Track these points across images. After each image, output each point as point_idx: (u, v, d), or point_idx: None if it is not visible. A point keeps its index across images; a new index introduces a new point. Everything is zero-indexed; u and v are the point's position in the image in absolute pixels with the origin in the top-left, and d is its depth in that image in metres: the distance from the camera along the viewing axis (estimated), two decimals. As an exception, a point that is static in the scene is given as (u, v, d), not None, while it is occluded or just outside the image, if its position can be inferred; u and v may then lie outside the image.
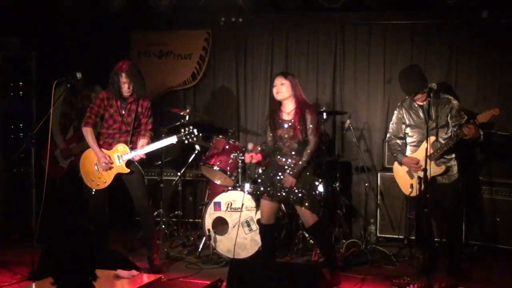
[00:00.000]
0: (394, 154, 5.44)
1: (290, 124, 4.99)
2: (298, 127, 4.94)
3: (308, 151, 4.96)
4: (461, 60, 6.51)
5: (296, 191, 4.96)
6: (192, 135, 5.16)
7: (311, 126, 4.97)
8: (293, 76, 5.10)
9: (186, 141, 5.20)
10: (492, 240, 5.98)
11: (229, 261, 5.43)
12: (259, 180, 5.25)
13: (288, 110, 5.03)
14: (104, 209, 5.47)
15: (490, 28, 6.35)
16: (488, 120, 4.98)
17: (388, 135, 5.53)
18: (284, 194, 5.00)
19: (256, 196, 5.21)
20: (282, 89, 4.98)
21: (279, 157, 5.06)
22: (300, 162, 4.95)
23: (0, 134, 6.50)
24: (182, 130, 5.17)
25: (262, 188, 5.08)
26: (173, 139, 5.17)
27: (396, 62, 6.62)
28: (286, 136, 5.00)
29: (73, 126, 6.34)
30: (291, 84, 4.98)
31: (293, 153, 5.01)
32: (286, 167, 5.02)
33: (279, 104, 5.08)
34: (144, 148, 5.20)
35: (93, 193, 5.31)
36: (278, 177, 5.03)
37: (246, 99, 7.14)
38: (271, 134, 5.11)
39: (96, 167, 5.28)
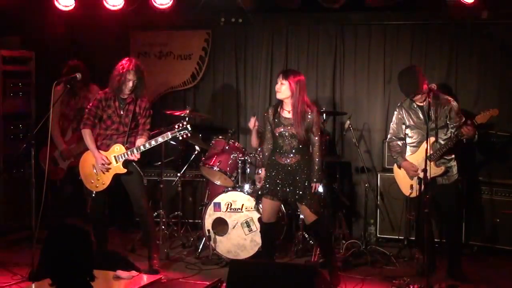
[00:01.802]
0: (394, 156, 5.44)
1: (291, 122, 4.99)
2: (300, 126, 4.94)
3: (317, 153, 4.99)
4: (461, 60, 6.50)
5: (297, 188, 4.97)
6: (186, 130, 5.13)
7: (314, 126, 4.98)
8: (296, 75, 5.00)
9: (180, 137, 5.16)
10: (492, 240, 5.97)
11: (229, 262, 5.43)
12: (264, 179, 5.18)
13: (289, 108, 5.02)
14: (104, 210, 5.47)
15: (490, 28, 6.34)
16: (487, 121, 4.98)
17: (388, 135, 5.53)
18: (285, 192, 5.00)
19: (258, 195, 5.19)
20: (282, 89, 4.97)
21: (279, 155, 5.06)
22: (316, 166, 4.98)
23: (0, 134, 6.49)
24: (176, 126, 5.16)
25: (265, 188, 5.07)
26: (167, 136, 5.15)
27: (396, 62, 6.62)
28: (286, 134, 5.00)
29: (72, 127, 6.33)
30: (290, 86, 4.93)
31: (293, 151, 5.01)
32: (287, 165, 5.02)
33: (281, 101, 5.07)
34: (140, 147, 5.19)
35: (94, 195, 5.30)
36: (281, 177, 5.02)
37: (246, 100, 7.14)
38: (270, 130, 5.11)
39: (94, 169, 5.28)
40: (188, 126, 5.13)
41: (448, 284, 4.98)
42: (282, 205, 5.79)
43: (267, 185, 5.05)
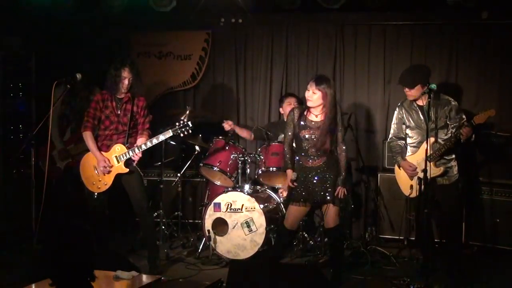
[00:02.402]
0: (394, 157, 5.44)
1: (318, 126, 4.95)
2: (329, 131, 4.93)
3: (344, 156, 5.01)
4: (461, 60, 6.51)
5: (326, 190, 4.96)
6: (187, 127, 5.13)
7: (340, 133, 5.00)
8: (329, 84, 4.93)
9: (182, 134, 5.17)
10: (492, 240, 5.98)
11: (229, 262, 5.44)
12: (291, 187, 5.11)
13: (317, 112, 4.98)
14: (104, 210, 5.47)
15: (490, 28, 6.35)
16: (485, 121, 4.98)
17: (389, 135, 5.54)
18: (320, 196, 4.98)
19: (289, 201, 5.13)
20: (313, 98, 4.91)
21: (304, 158, 5.03)
22: (343, 172, 4.98)
23: (0, 134, 6.49)
24: (177, 124, 5.16)
25: (296, 195, 5.02)
26: (168, 134, 5.16)
27: (396, 62, 6.62)
28: (312, 137, 4.97)
29: (71, 127, 6.34)
30: (323, 95, 4.88)
31: (318, 154, 4.98)
32: (313, 168, 4.99)
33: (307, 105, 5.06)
34: (142, 146, 5.19)
35: (95, 196, 5.30)
36: (311, 180, 4.99)
37: (246, 100, 7.14)
38: (293, 132, 5.06)
39: (96, 171, 5.28)
40: (189, 123, 5.13)
41: (448, 284, 4.98)
42: (282, 206, 5.80)
43: (299, 191, 5.01)
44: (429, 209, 4.87)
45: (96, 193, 5.30)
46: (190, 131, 5.16)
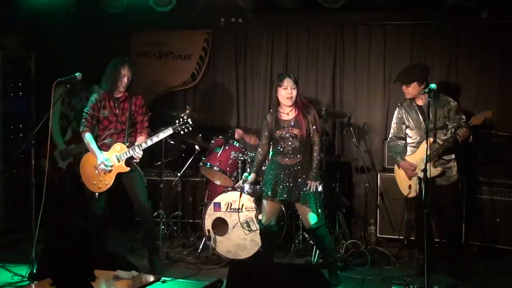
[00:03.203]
0: (394, 156, 5.44)
1: (292, 123, 5.00)
2: (303, 125, 4.97)
3: (317, 150, 5.03)
4: (461, 60, 6.50)
5: (299, 189, 4.97)
6: (187, 125, 5.14)
7: (314, 125, 5.01)
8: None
9: (182, 132, 5.18)
10: (491, 240, 5.98)
11: (229, 262, 5.44)
12: (262, 182, 5.22)
13: (287, 110, 5.04)
14: (104, 210, 5.47)
15: (490, 28, 6.35)
16: (482, 122, 4.99)
17: (389, 135, 5.54)
18: (288, 194, 5.00)
19: (259, 198, 5.19)
20: (294, 94, 5.00)
21: (280, 157, 5.07)
22: (314, 165, 5.01)
23: (0, 134, 6.49)
24: (177, 121, 5.16)
25: (265, 190, 5.07)
26: (168, 131, 5.16)
27: (396, 62, 6.61)
28: (287, 135, 5.01)
29: (72, 127, 6.33)
30: (298, 92, 5.04)
31: (295, 152, 5.03)
32: (288, 166, 5.03)
33: (277, 105, 5.09)
34: (142, 144, 5.19)
35: (97, 196, 5.30)
36: (281, 177, 5.03)
37: (246, 100, 7.14)
38: (267, 135, 5.12)
39: (96, 171, 5.28)
40: (189, 120, 5.14)
41: (448, 284, 4.98)
42: (282, 205, 5.79)
43: (269, 187, 5.05)
44: (429, 209, 4.87)
45: (97, 193, 5.30)
46: (190, 129, 5.16)
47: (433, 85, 4.92)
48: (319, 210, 5.08)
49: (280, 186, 5.02)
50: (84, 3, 6.70)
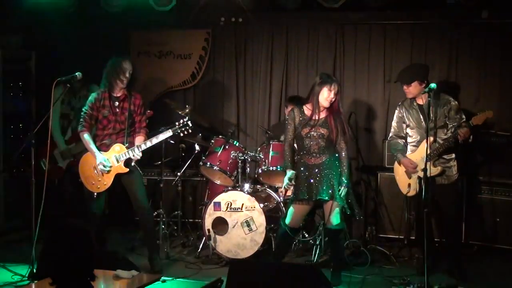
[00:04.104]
0: (394, 154, 5.44)
1: (322, 123, 5.01)
2: (333, 128, 4.98)
3: (346, 157, 5.05)
4: (461, 60, 6.50)
5: (329, 187, 4.99)
6: (187, 127, 5.14)
7: (343, 129, 5.04)
8: None
9: (182, 134, 5.17)
10: (492, 240, 5.98)
11: (229, 261, 5.44)
12: (296, 184, 5.13)
13: (320, 109, 5.04)
14: (104, 210, 5.47)
15: (490, 28, 6.34)
16: (482, 123, 4.99)
17: (390, 134, 5.55)
18: (320, 192, 4.99)
19: (293, 200, 5.14)
20: (334, 99, 5.00)
21: (307, 156, 5.05)
22: (345, 169, 5.03)
23: (0, 134, 6.50)
24: (177, 123, 5.16)
25: (301, 193, 5.04)
26: (168, 133, 5.16)
27: (396, 61, 6.61)
28: (315, 134, 5.00)
29: (72, 126, 6.33)
30: (338, 96, 5.05)
31: (321, 151, 5.02)
32: (316, 165, 5.02)
33: (305, 102, 5.07)
34: (141, 145, 5.19)
35: (95, 196, 5.30)
36: (314, 177, 5.02)
37: (246, 99, 7.14)
38: (293, 129, 5.08)
39: (95, 171, 5.27)
40: (189, 122, 5.14)
41: (448, 284, 4.98)
42: (282, 205, 5.80)
43: (302, 190, 5.03)
44: (429, 209, 4.87)
45: (95, 193, 5.30)
46: (190, 131, 5.16)
47: (433, 85, 4.92)
48: (345, 211, 5.09)
49: (315, 187, 5.01)
50: (84, 3, 6.70)
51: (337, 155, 5.07)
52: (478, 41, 6.43)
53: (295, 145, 5.20)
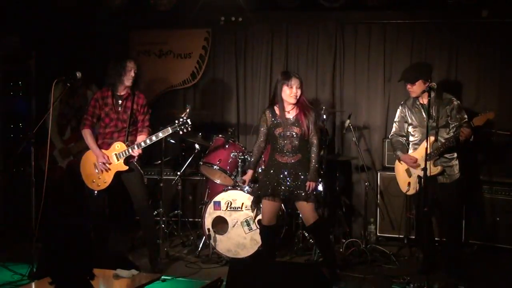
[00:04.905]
0: (394, 151, 5.45)
1: (293, 122, 5.00)
2: (304, 124, 4.97)
3: (316, 151, 5.02)
4: (461, 59, 6.50)
5: (299, 187, 4.98)
6: (186, 125, 5.13)
7: (312, 125, 5.01)
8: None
9: (181, 132, 5.17)
10: (492, 239, 5.98)
11: (228, 261, 5.44)
12: (260, 182, 5.22)
13: (289, 108, 5.04)
14: (104, 209, 5.47)
15: (490, 28, 6.34)
16: (483, 124, 4.99)
17: (391, 132, 5.55)
18: (289, 192, 5.01)
19: (258, 198, 5.19)
20: (299, 93, 5.00)
21: (280, 155, 5.06)
22: (312, 165, 5.00)
23: (0, 133, 6.50)
24: (176, 121, 5.16)
25: (265, 189, 5.07)
26: (167, 131, 5.15)
27: (396, 61, 6.62)
28: (287, 133, 5.01)
29: (71, 125, 6.33)
30: (302, 89, 5.04)
31: (294, 150, 5.02)
32: (288, 164, 5.02)
33: (276, 103, 5.07)
34: (141, 143, 5.19)
35: (95, 194, 5.30)
36: (282, 176, 5.03)
37: (246, 98, 7.14)
38: (265, 132, 5.11)
39: (96, 169, 5.28)
40: (189, 120, 5.13)
41: (448, 283, 4.98)
42: (282, 204, 5.79)
43: (268, 186, 5.05)
44: (429, 208, 4.87)
45: (96, 191, 5.30)
46: (189, 129, 5.16)
47: (433, 84, 4.92)
48: (318, 207, 5.08)
49: (282, 185, 5.02)
50: (84, 3, 6.69)
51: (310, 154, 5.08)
52: (478, 41, 6.44)
53: (270, 145, 5.19)
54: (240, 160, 5.87)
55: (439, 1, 6.13)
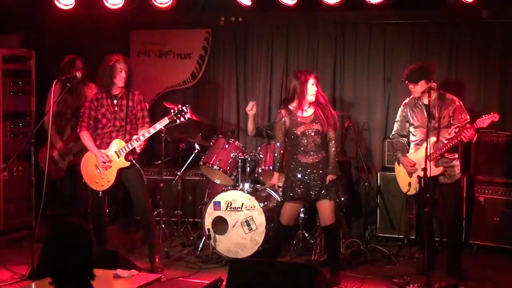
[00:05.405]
0: (394, 153, 5.44)
1: (313, 119, 5.00)
2: (324, 121, 4.99)
3: (334, 147, 5.06)
4: (461, 60, 6.49)
5: (330, 186, 4.99)
6: (183, 113, 5.12)
7: (332, 120, 5.04)
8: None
9: (178, 121, 5.16)
10: (492, 239, 5.97)
11: (229, 261, 5.43)
12: (287, 187, 5.13)
13: (306, 106, 5.04)
14: (104, 209, 5.47)
15: (490, 28, 6.34)
16: (487, 126, 4.99)
17: (392, 132, 5.54)
18: (316, 192, 5.00)
19: (285, 199, 5.13)
20: (315, 91, 5.02)
21: (302, 155, 5.02)
22: (332, 159, 5.02)
23: (0, 133, 6.49)
24: (172, 110, 5.15)
25: (294, 194, 5.03)
26: (164, 121, 5.15)
27: (396, 61, 6.61)
28: (310, 131, 4.99)
29: (70, 125, 6.33)
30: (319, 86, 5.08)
31: (317, 148, 5.02)
32: (314, 164, 5.01)
33: (290, 102, 5.06)
34: (140, 136, 5.18)
35: (100, 195, 5.30)
36: (309, 179, 5.01)
37: (246, 98, 7.12)
38: (284, 133, 5.07)
39: (98, 169, 5.27)
40: (184, 108, 5.13)
41: (448, 283, 4.98)
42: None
43: (297, 190, 5.02)
44: (429, 208, 4.86)
45: (101, 192, 5.29)
46: (186, 116, 5.13)
47: (433, 84, 4.92)
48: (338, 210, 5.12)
49: (311, 190, 5.00)
50: (84, 2, 6.68)
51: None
52: (478, 41, 6.43)
53: (290, 146, 5.15)
54: (240, 160, 5.87)
55: (439, 2, 6.13)
